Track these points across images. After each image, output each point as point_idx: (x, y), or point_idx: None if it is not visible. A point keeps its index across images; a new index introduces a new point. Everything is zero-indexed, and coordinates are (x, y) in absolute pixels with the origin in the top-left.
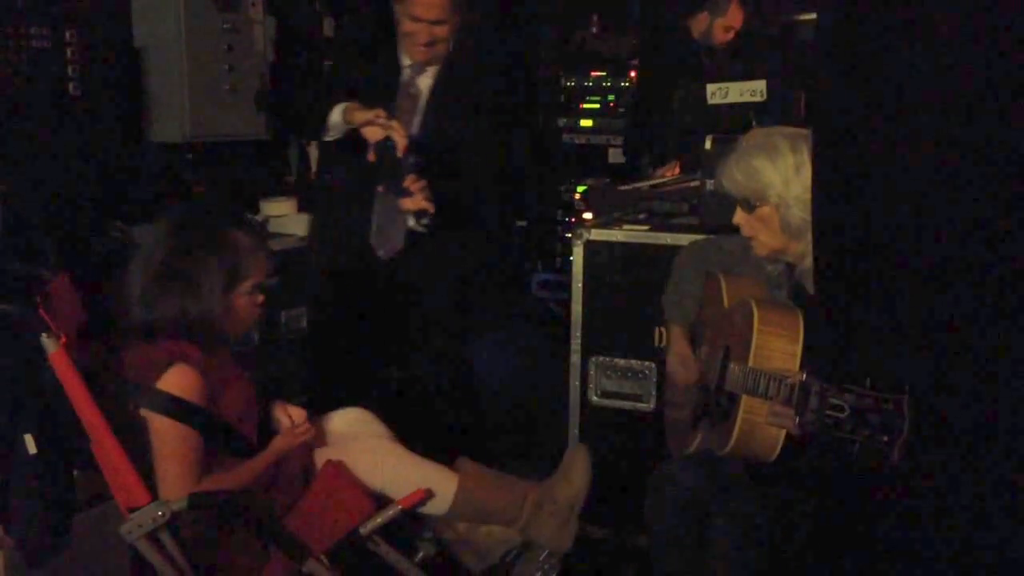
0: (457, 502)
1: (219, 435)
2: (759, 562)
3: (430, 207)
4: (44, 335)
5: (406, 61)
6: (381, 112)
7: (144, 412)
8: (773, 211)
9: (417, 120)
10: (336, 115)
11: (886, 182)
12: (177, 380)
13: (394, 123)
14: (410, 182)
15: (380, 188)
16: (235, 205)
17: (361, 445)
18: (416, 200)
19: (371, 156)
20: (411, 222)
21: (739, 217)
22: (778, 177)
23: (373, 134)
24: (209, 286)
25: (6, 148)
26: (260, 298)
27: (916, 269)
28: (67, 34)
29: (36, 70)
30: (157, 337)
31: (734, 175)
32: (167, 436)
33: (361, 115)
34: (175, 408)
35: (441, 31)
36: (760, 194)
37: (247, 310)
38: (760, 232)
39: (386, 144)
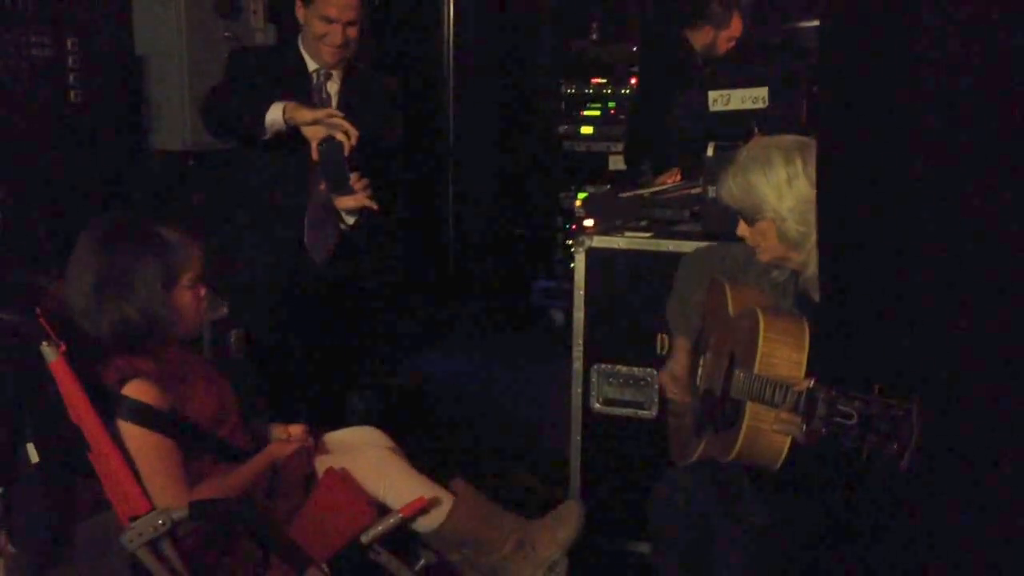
0: (446, 524)
1: (194, 440)
2: (763, 571)
3: (373, 204)
4: (44, 343)
5: (312, 66)
6: (332, 110)
7: (120, 423)
8: (771, 225)
9: None
10: (275, 113)
11: (890, 187)
12: (135, 394)
13: (345, 122)
14: (354, 180)
15: (320, 187)
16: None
17: (364, 454)
18: (358, 198)
19: (314, 155)
20: (342, 222)
21: (742, 230)
22: (771, 192)
23: (315, 133)
24: (145, 287)
25: (7, 155)
26: (203, 290)
27: (923, 273)
28: (68, 42)
29: (37, 78)
30: (111, 352)
31: (732, 190)
32: (143, 447)
33: (308, 113)
34: (144, 415)
35: (352, 32)
36: (757, 208)
37: (192, 305)
38: (762, 243)
39: (331, 142)
